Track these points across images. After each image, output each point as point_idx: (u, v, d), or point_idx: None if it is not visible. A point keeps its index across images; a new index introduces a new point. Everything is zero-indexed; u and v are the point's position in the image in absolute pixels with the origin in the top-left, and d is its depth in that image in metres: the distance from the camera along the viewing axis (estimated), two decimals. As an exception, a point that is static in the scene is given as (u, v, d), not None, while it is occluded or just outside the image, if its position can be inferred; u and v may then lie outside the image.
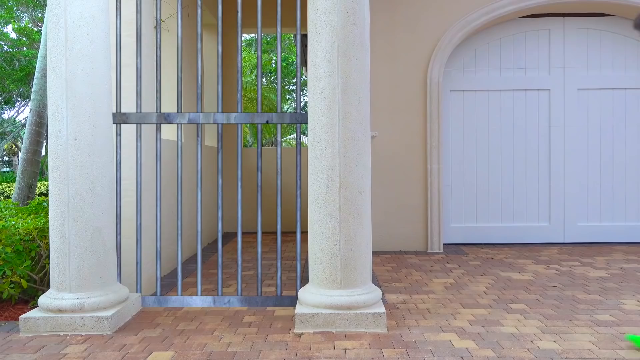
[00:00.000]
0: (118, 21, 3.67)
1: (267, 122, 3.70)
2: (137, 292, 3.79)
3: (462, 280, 4.50)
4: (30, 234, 3.82)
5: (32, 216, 4.27)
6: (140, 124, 3.68)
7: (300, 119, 3.64)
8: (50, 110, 3.28)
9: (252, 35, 19.99)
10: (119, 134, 3.71)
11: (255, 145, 19.40)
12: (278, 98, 3.72)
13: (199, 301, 3.75)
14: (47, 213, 4.34)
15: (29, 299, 3.88)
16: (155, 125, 3.79)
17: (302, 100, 17.72)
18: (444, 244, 6.17)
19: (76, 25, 3.25)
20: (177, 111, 3.72)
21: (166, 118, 3.68)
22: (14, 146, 27.12)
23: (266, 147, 7.99)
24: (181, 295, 3.78)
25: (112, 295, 3.36)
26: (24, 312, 3.54)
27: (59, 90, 3.25)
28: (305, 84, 16.89)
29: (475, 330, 3.20)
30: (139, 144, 3.69)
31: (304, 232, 7.42)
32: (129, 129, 3.96)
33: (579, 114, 6.22)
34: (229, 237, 7.20)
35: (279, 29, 3.71)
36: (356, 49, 3.21)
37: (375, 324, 3.17)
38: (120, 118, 3.67)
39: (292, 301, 3.73)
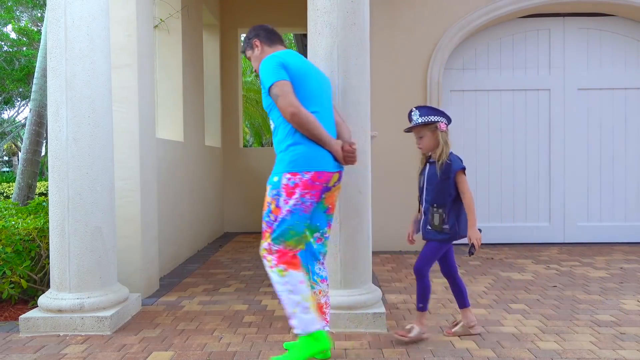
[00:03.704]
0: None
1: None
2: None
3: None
4: (30, 234, 3.82)
5: (32, 216, 4.27)
6: None
7: None
8: (50, 110, 3.28)
9: (252, 35, 19.94)
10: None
11: (256, 145, 19.38)
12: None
13: None
14: (47, 213, 4.34)
15: (28, 299, 3.88)
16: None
17: (302, 100, 17.59)
18: (444, 244, 6.16)
19: (76, 25, 3.25)
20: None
21: None
22: (13, 146, 27.13)
23: (266, 147, 7.98)
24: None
25: (112, 295, 3.36)
26: (24, 312, 3.54)
27: (59, 90, 3.25)
28: (305, 84, 16.82)
29: (475, 330, 3.20)
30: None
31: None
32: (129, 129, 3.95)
33: (579, 114, 6.22)
34: (228, 237, 7.20)
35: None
36: (356, 49, 3.21)
37: (375, 324, 3.17)
38: None
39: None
